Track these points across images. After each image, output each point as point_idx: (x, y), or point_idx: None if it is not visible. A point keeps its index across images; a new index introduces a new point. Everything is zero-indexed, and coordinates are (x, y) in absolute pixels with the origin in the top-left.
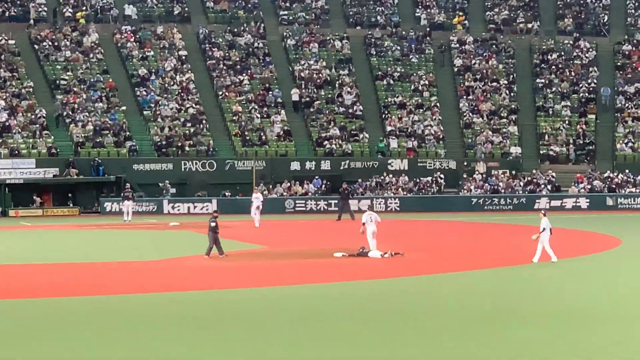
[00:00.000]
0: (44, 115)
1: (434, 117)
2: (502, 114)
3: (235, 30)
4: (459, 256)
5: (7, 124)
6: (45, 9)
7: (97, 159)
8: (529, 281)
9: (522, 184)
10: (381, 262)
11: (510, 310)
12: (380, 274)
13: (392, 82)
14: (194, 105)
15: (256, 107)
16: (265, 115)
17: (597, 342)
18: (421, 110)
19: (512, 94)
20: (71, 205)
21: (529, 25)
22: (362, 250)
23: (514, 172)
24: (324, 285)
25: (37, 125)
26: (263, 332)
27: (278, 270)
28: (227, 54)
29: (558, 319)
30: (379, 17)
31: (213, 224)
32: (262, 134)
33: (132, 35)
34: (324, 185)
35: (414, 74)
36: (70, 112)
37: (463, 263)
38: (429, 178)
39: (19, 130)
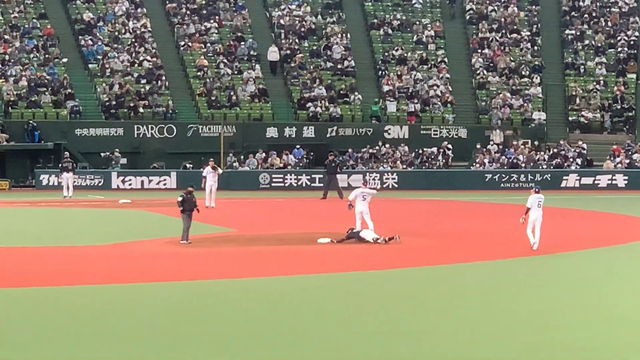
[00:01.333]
0: None
1: (440, 75)
2: (523, 72)
3: None
4: (465, 244)
5: None
6: None
7: (31, 121)
8: (530, 275)
9: (546, 157)
10: (373, 250)
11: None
12: (371, 265)
13: (390, 32)
14: (149, 58)
15: (225, 61)
16: (236, 71)
17: None
18: (425, 66)
19: (535, 48)
20: None
21: None
22: (351, 230)
23: (536, 142)
24: (304, 277)
25: None
26: (225, 332)
27: (249, 258)
28: None
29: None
30: None
31: (180, 199)
32: (232, 93)
33: None
34: (305, 157)
35: (417, 23)
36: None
37: (470, 252)
38: (434, 149)
39: None
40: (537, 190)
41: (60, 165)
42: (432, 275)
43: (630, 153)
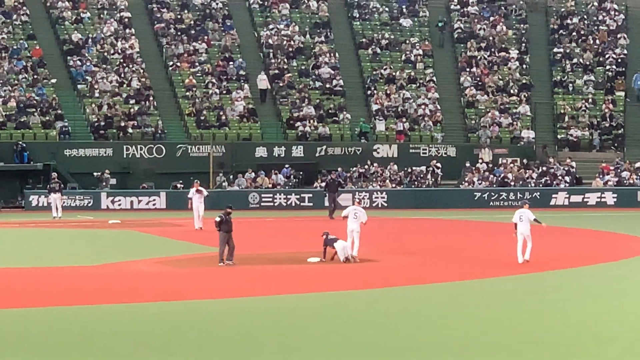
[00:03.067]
0: None
1: (429, 94)
2: (511, 91)
3: None
4: (455, 262)
5: None
6: None
7: (20, 142)
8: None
9: (535, 175)
10: (364, 269)
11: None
12: (362, 284)
13: (378, 51)
14: (138, 78)
15: (214, 80)
16: (225, 91)
17: None
18: (414, 85)
19: (524, 66)
20: None
21: None
22: (327, 236)
23: (525, 160)
24: (293, 296)
25: None
26: (215, 352)
27: (237, 278)
28: (179, 16)
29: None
30: None
31: (217, 219)
32: (221, 113)
33: None
34: (294, 176)
35: (406, 42)
36: None
37: (459, 271)
38: (423, 167)
39: None
40: (523, 205)
41: (48, 186)
42: (423, 293)
43: (619, 171)
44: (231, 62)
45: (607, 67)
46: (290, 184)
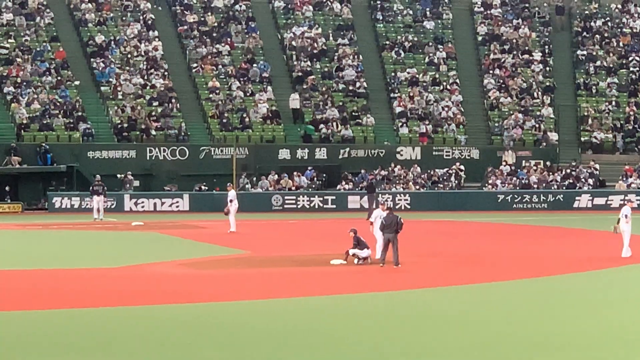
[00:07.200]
0: None
1: (452, 97)
2: (535, 93)
3: None
4: (477, 265)
5: None
6: None
7: (44, 144)
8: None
9: (559, 177)
10: (386, 271)
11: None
12: (385, 286)
13: (402, 53)
14: (161, 80)
15: (237, 82)
16: (248, 93)
17: None
18: (437, 87)
19: (547, 69)
20: (12, 200)
21: None
22: (355, 233)
23: (549, 163)
24: (317, 298)
25: None
26: (238, 354)
27: (262, 280)
28: (202, 18)
29: None
30: None
31: (384, 222)
32: (244, 115)
33: None
34: (317, 178)
35: (429, 44)
36: (12, 88)
37: (482, 273)
38: (446, 170)
39: None
40: (626, 202)
41: (91, 188)
42: (443, 296)
43: None
44: (254, 65)
45: (631, 69)
46: (314, 186)
